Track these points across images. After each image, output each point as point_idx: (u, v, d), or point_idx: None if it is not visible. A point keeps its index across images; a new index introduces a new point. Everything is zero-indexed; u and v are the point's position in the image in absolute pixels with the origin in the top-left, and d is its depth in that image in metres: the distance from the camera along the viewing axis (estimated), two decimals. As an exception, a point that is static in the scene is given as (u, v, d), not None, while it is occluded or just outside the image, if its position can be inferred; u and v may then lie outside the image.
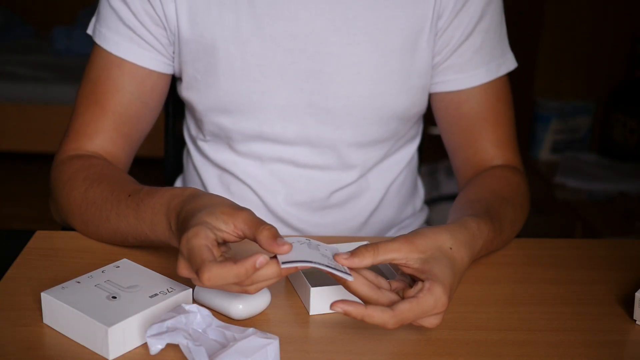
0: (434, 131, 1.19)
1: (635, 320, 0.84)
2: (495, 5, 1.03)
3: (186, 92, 1.04)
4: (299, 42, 0.98)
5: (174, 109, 1.30)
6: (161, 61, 1.01)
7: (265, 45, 0.98)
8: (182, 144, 1.22)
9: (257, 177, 1.08)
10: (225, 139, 1.07)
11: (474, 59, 1.03)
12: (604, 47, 2.57)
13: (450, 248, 0.79)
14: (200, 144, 1.11)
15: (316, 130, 1.03)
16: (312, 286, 0.81)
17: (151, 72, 1.01)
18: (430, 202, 2.44)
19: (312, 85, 1.00)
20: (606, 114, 2.63)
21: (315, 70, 1.00)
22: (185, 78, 1.03)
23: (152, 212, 0.83)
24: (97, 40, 1.00)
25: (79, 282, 0.79)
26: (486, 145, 1.06)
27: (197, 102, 1.04)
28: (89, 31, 1.02)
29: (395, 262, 0.76)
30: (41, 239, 0.97)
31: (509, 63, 1.07)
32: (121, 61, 0.99)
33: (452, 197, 2.50)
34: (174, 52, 1.02)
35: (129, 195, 0.87)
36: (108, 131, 1.00)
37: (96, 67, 1.01)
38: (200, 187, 1.13)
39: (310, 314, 0.82)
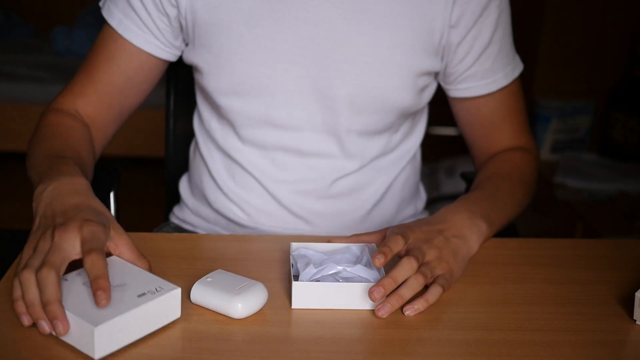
0: (435, 131, 1.20)
1: (635, 320, 0.84)
2: (506, 13, 1.09)
3: (200, 76, 1.08)
4: (308, 28, 1.01)
5: (174, 108, 1.30)
6: (155, 44, 1.06)
7: (277, 28, 1.02)
8: (183, 143, 1.22)
9: (260, 166, 1.11)
10: (232, 123, 1.10)
11: (494, 66, 1.09)
12: (604, 47, 2.58)
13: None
14: (214, 127, 1.13)
15: (321, 117, 1.06)
16: (295, 280, 0.83)
17: (141, 51, 1.06)
18: (430, 202, 2.44)
19: (318, 71, 1.03)
20: (606, 114, 2.63)
21: (322, 56, 1.03)
22: (199, 62, 1.06)
23: (68, 169, 0.90)
24: (104, 15, 1.07)
25: (66, 280, 0.77)
26: (503, 136, 1.15)
27: (208, 84, 1.07)
28: (100, 3, 1.09)
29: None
30: (41, 238, 0.96)
31: (519, 64, 1.14)
32: (118, 36, 1.06)
33: (452, 197, 2.50)
34: (184, 40, 1.08)
35: (64, 157, 0.94)
36: (91, 95, 1.08)
37: (101, 38, 1.09)
38: (207, 176, 1.17)
39: (292, 307, 0.83)
